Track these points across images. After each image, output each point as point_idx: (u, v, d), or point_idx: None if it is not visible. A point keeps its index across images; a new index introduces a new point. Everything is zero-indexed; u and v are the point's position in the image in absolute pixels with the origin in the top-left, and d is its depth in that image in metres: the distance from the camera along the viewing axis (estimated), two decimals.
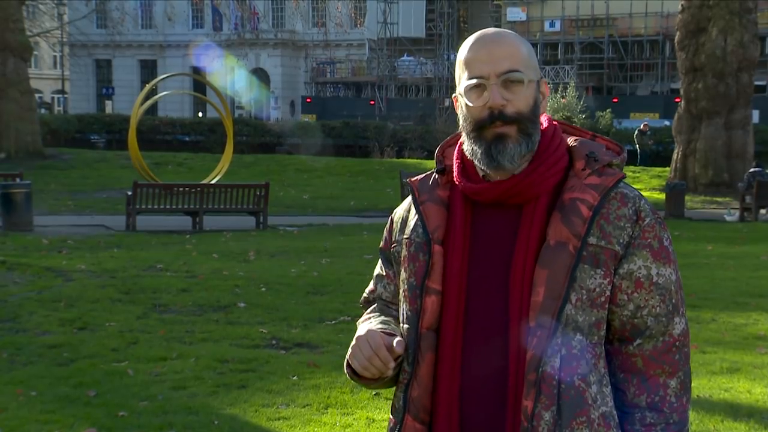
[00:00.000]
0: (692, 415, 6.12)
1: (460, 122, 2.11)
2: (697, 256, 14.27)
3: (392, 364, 2.05)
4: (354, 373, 2.12)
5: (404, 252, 2.16)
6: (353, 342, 2.09)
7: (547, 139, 2.10)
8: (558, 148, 2.10)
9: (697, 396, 6.61)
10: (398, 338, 2.07)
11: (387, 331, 2.12)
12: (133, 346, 8.16)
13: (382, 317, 2.23)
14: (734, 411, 6.31)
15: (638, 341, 2.06)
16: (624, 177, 2.08)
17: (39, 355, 7.83)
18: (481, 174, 2.10)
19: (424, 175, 2.23)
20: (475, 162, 2.08)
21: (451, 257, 2.08)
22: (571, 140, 2.14)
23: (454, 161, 2.15)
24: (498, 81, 2.04)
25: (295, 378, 7.13)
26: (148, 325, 9.04)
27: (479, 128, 2.06)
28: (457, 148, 2.16)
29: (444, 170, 2.17)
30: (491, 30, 2.13)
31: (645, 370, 2.06)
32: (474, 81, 2.05)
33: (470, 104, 2.06)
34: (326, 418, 6.19)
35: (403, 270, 2.16)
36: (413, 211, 2.18)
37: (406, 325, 2.13)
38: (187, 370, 7.36)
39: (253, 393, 6.77)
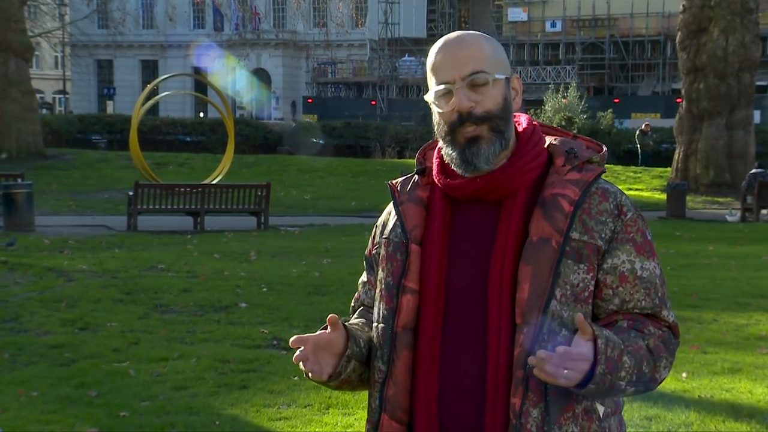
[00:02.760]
0: (693, 416, 6.12)
1: (435, 127, 2.13)
2: (698, 256, 14.27)
3: (328, 365, 2.05)
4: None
5: (382, 252, 2.17)
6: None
7: (526, 136, 2.12)
8: (537, 144, 2.12)
9: (699, 396, 6.61)
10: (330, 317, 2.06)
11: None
12: (135, 347, 8.16)
13: (354, 320, 2.24)
14: (735, 411, 6.30)
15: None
16: (604, 171, 2.09)
17: (40, 356, 7.83)
18: (459, 172, 2.11)
19: (404, 177, 2.24)
20: (452, 166, 2.10)
21: (429, 255, 2.09)
22: (550, 139, 2.16)
23: (434, 161, 2.16)
24: (463, 84, 2.05)
25: (296, 378, 7.12)
26: (149, 325, 9.04)
27: (452, 131, 2.07)
28: (437, 147, 2.18)
29: (424, 171, 2.19)
30: (454, 34, 2.14)
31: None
32: (441, 87, 2.07)
33: (440, 110, 2.08)
34: (327, 418, 6.19)
35: (380, 270, 2.17)
36: (393, 212, 2.20)
37: (381, 324, 2.13)
38: (188, 370, 7.36)
39: (254, 393, 6.78)
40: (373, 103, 54.84)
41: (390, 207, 2.24)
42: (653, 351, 2.02)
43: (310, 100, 56.47)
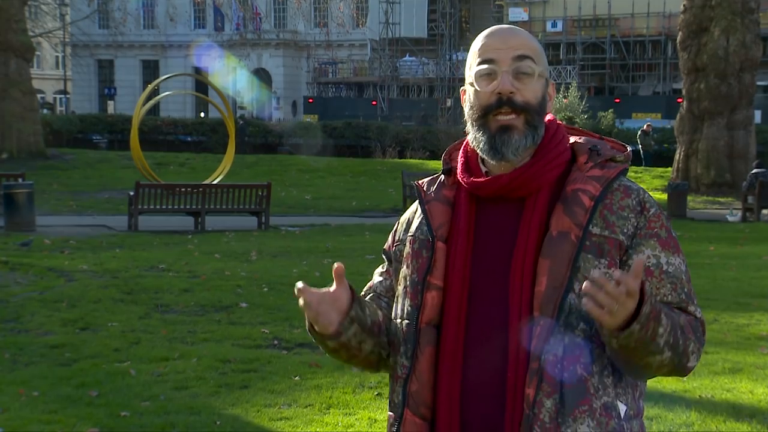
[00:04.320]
0: (694, 416, 6.12)
1: (466, 113, 2.13)
2: (699, 256, 14.25)
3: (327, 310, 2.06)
4: (313, 330, 2.12)
5: (407, 249, 2.18)
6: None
7: (550, 134, 2.13)
8: (560, 143, 2.13)
9: (700, 396, 6.61)
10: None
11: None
12: (135, 347, 8.16)
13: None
14: (736, 411, 6.30)
15: None
16: (626, 169, 2.10)
17: (41, 356, 7.84)
18: (483, 170, 2.13)
19: (431, 177, 2.26)
20: (478, 151, 2.11)
21: (454, 253, 2.10)
22: (575, 138, 2.17)
23: (459, 159, 2.18)
24: (509, 69, 2.07)
25: (297, 378, 7.13)
26: (150, 325, 9.04)
27: (485, 115, 2.08)
28: (462, 147, 2.19)
29: (450, 171, 2.20)
30: (506, 25, 2.19)
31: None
32: (485, 66, 2.08)
33: (479, 89, 2.09)
34: (328, 418, 6.19)
35: (405, 266, 2.18)
36: (419, 211, 2.21)
37: (405, 321, 2.14)
38: (189, 370, 7.36)
39: (255, 393, 6.78)
40: (374, 103, 54.79)
41: (415, 206, 2.26)
42: (684, 329, 2.02)
43: (311, 100, 56.44)
